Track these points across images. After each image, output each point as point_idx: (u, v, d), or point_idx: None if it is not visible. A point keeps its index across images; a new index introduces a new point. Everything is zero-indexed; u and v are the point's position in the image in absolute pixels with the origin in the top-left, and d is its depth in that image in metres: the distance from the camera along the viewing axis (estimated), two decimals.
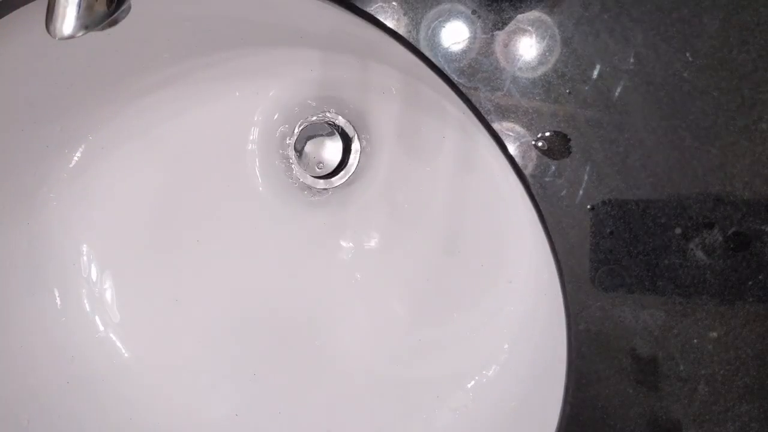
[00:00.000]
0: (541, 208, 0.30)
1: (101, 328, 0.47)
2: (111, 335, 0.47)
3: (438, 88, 0.35)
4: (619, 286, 0.30)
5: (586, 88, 0.30)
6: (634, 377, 0.30)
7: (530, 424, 0.37)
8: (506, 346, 0.41)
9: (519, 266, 0.41)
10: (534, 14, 0.30)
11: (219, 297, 0.46)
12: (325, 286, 0.46)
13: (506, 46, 0.31)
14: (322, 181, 0.45)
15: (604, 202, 0.30)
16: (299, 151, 0.45)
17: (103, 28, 0.25)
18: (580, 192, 0.30)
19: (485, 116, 0.31)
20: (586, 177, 0.30)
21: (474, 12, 0.31)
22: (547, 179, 0.30)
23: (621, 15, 0.30)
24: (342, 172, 0.45)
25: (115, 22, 0.25)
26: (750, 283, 0.29)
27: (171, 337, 0.46)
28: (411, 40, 0.32)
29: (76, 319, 0.46)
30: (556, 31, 0.30)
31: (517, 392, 0.39)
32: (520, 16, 0.31)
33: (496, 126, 0.31)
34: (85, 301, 0.47)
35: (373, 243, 0.45)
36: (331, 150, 0.44)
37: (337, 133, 0.44)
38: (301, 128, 0.45)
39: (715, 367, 0.29)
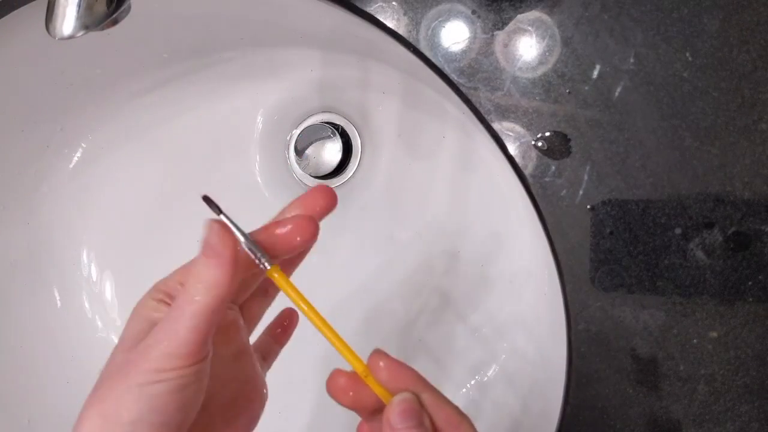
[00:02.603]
0: (541, 208, 0.30)
1: (101, 328, 0.47)
2: (111, 335, 0.47)
3: (438, 88, 0.35)
4: (619, 286, 0.30)
5: (586, 88, 0.30)
6: (634, 377, 0.30)
7: (530, 424, 0.37)
8: (506, 345, 0.41)
9: (519, 266, 0.41)
10: (534, 14, 0.30)
11: None
12: (324, 286, 0.46)
13: (506, 46, 0.31)
14: (322, 181, 0.45)
15: (604, 202, 0.30)
16: (300, 152, 0.45)
17: (103, 28, 0.25)
18: (580, 192, 0.30)
19: (485, 116, 0.31)
20: (586, 177, 0.30)
21: (474, 12, 0.31)
22: (547, 179, 0.30)
23: (621, 15, 0.30)
24: (342, 173, 0.45)
25: (115, 22, 0.25)
26: (750, 283, 0.29)
27: None
28: (411, 40, 0.32)
29: (76, 319, 0.46)
30: (556, 31, 0.30)
31: (517, 392, 0.39)
32: (520, 16, 0.31)
33: (496, 126, 0.31)
34: (85, 301, 0.47)
35: (372, 243, 0.45)
36: (331, 150, 0.44)
37: (337, 133, 0.44)
38: (301, 128, 0.45)
39: (715, 367, 0.29)
